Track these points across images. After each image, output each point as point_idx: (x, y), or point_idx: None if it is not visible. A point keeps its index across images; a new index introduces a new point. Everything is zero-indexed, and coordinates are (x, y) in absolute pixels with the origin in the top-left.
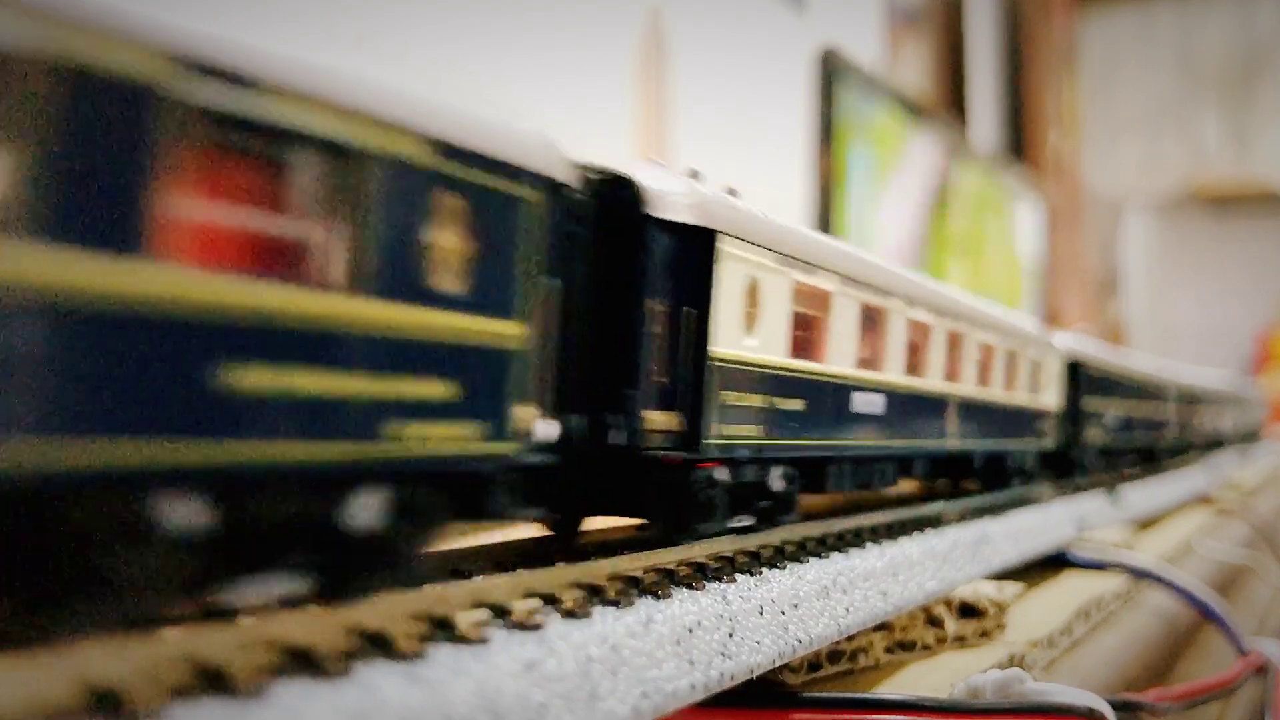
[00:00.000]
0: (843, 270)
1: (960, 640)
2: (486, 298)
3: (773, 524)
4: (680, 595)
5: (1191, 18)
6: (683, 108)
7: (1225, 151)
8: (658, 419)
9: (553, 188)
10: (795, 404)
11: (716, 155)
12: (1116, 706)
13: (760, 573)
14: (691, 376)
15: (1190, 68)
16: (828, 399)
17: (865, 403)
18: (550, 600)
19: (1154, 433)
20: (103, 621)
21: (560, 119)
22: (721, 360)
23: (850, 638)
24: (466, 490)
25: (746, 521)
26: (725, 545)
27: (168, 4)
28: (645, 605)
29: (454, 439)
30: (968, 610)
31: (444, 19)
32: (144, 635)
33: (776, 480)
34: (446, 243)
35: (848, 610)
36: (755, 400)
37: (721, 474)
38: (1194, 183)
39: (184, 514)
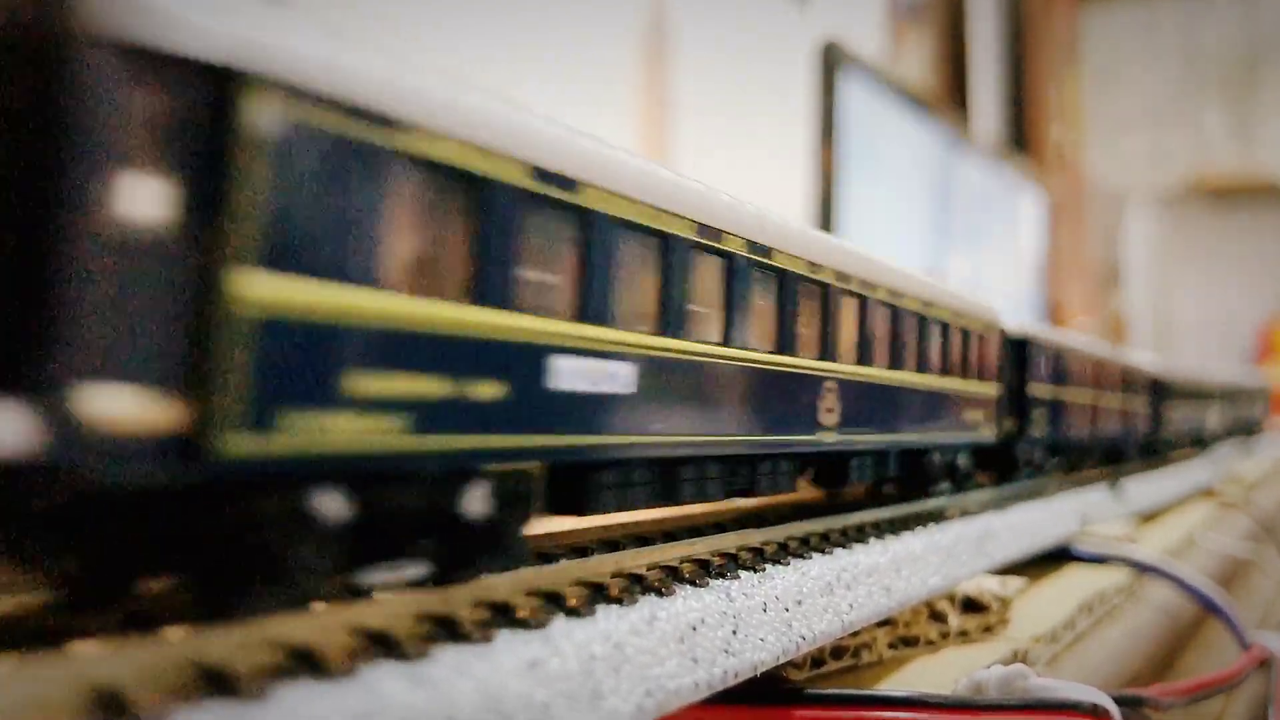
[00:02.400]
0: (1078, 350)
1: (964, 635)
2: (985, 374)
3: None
4: (684, 592)
5: (1195, 10)
6: (685, 101)
7: (1228, 145)
8: (1008, 424)
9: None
10: (1049, 413)
11: (718, 148)
12: (1120, 702)
13: (764, 569)
14: (1020, 404)
15: (1193, 61)
16: (1065, 413)
17: (1082, 415)
18: (553, 598)
19: (1201, 424)
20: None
21: (562, 111)
22: (1032, 396)
23: (854, 634)
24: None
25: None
26: (731, 542)
27: None
28: (649, 603)
29: (984, 435)
30: (971, 605)
31: (446, 8)
32: (149, 638)
33: (1039, 454)
34: (976, 355)
35: (851, 606)
36: (1038, 413)
37: (1026, 451)
38: (1197, 176)
39: (867, 466)
